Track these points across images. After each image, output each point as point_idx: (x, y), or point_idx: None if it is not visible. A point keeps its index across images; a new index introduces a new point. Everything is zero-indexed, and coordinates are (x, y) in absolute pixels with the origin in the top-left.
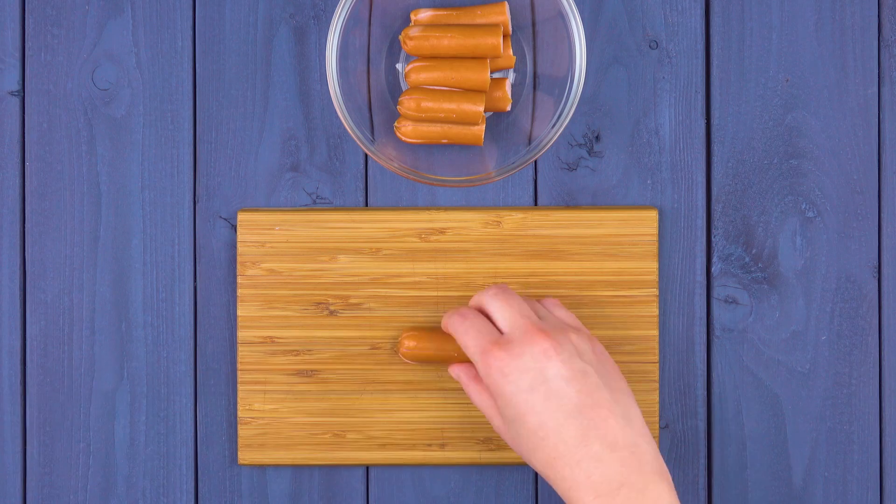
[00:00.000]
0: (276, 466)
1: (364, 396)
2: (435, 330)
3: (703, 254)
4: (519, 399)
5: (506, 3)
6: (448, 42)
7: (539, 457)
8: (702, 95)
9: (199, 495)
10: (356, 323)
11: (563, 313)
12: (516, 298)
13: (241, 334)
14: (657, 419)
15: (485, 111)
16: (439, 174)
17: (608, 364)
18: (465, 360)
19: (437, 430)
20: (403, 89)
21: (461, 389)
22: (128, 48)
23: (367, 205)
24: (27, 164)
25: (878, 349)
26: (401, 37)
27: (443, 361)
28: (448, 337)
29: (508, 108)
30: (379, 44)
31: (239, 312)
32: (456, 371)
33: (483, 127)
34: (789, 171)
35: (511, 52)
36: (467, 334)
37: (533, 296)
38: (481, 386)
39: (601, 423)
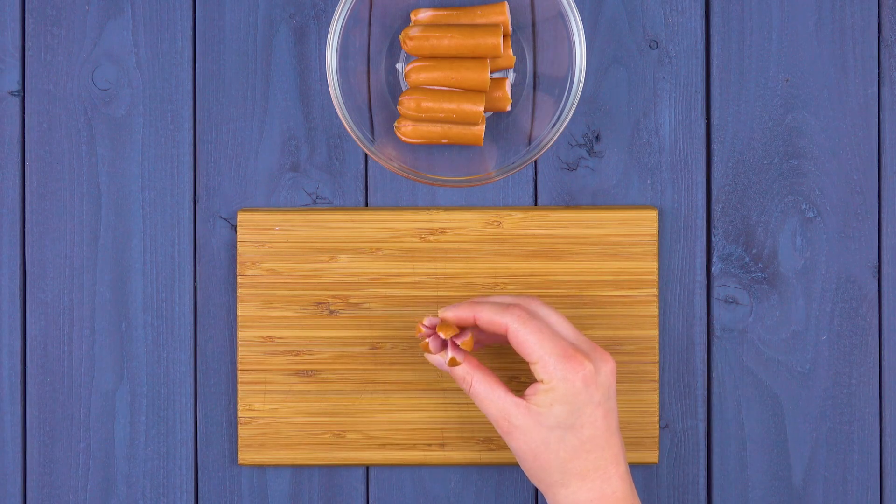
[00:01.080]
0: (276, 466)
1: (364, 396)
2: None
3: (703, 254)
4: (587, 410)
5: (506, 3)
6: (448, 42)
7: (573, 466)
8: (702, 95)
9: (199, 495)
10: (356, 323)
11: None
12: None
13: (241, 334)
14: (657, 419)
15: (485, 111)
16: (439, 174)
17: None
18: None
19: (437, 430)
20: (403, 89)
21: (461, 389)
22: (128, 48)
23: (367, 205)
24: (27, 164)
25: (878, 349)
26: (401, 37)
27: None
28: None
29: (508, 108)
30: (379, 44)
31: (239, 312)
32: (465, 371)
33: (483, 127)
34: (789, 171)
35: (511, 52)
36: (542, 333)
37: (533, 296)
38: (500, 384)
39: (622, 447)
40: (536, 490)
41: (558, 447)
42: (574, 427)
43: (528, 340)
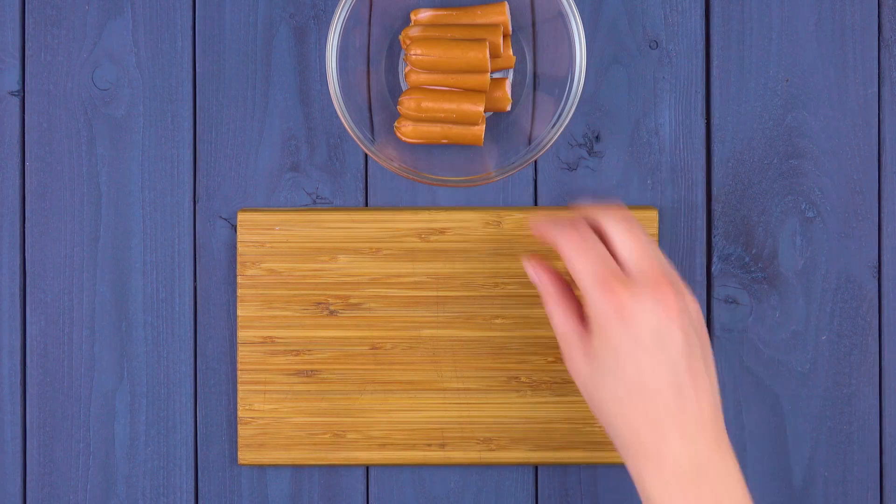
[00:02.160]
0: (276, 466)
1: (364, 396)
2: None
3: (703, 254)
4: (627, 348)
5: (506, 3)
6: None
7: (622, 419)
8: (702, 95)
9: (199, 495)
10: (356, 323)
11: (669, 266)
12: (644, 233)
13: (241, 334)
14: None
15: (485, 111)
16: (439, 174)
17: (704, 334)
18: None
19: (437, 430)
20: (403, 89)
21: (461, 389)
22: (128, 48)
23: (367, 205)
24: (27, 164)
25: (878, 349)
26: (401, 37)
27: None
28: (456, 44)
29: (508, 108)
30: (379, 44)
31: (239, 312)
32: (537, 271)
33: (483, 127)
34: (789, 171)
35: (511, 52)
36: (585, 256)
37: (533, 297)
38: (569, 309)
39: (696, 403)
40: (537, 490)
41: (603, 389)
42: (614, 368)
43: (570, 260)
